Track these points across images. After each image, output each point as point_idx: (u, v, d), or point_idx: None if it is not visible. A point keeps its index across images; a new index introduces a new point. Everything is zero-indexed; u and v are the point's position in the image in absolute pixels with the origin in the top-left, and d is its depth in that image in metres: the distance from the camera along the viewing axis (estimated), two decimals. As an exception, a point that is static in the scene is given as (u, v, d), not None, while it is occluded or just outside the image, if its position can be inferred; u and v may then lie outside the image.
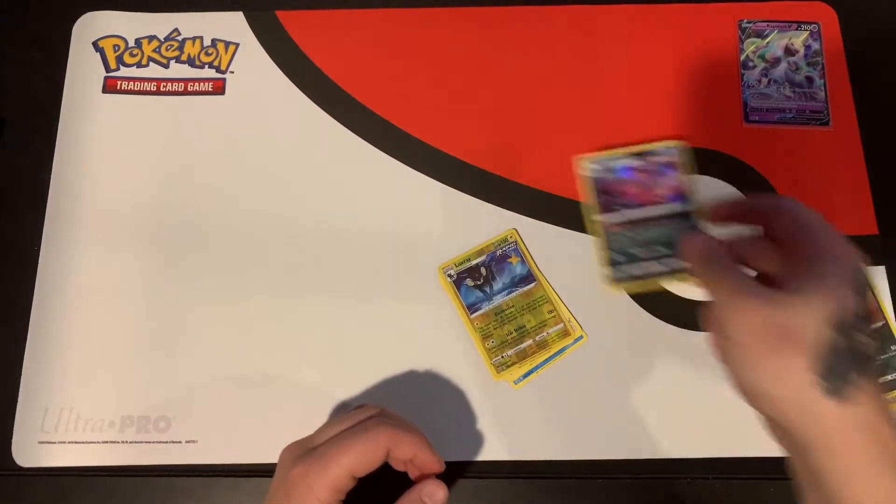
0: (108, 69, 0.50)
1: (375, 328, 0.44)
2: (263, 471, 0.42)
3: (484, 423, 0.43)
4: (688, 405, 0.43)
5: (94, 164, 0.47)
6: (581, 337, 0.43)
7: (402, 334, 0.44)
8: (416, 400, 0.43)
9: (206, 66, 0.50)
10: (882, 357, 0.42)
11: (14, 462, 0.42)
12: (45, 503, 0.42)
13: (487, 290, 0.44)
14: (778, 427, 0.32)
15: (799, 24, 0.50)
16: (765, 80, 0.48)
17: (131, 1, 0.51)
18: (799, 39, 0.48)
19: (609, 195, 0.44)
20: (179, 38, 0.51)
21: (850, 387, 0.29)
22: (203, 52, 0.50)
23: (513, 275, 0.44)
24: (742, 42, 0.49)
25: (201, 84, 0.49)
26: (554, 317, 0.44)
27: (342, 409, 0.43)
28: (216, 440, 0.42)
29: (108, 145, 0.48)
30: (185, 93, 0.49)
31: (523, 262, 0.45)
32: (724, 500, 0.42)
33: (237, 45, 0.50)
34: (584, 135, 0.48)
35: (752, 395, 0.32)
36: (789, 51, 0.48)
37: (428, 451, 0.36)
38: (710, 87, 0.49)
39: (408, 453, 0.35)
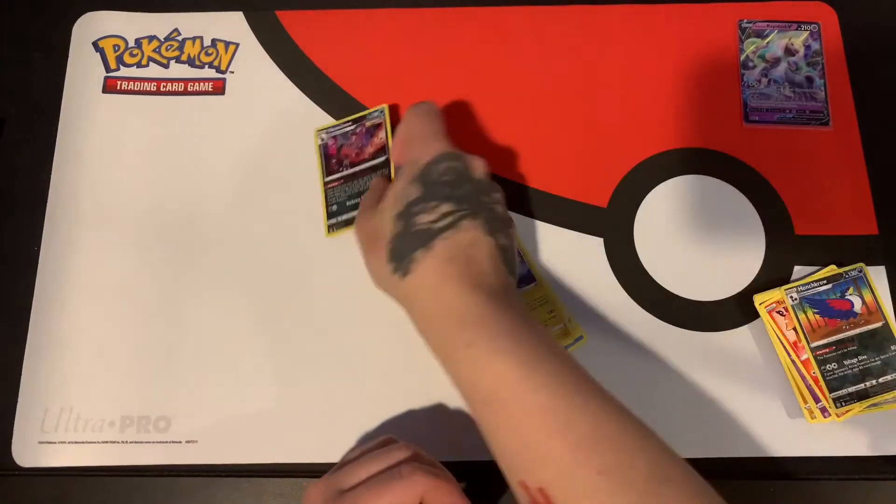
0: (108, 69, 0.50)
1: (376, 328, 0.44)
2: (263, 471, 0.42)
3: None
4: (688, 405, 0.43)
5: (94, 164, 0.48)
6: (581, 337, 0.43)
7: (404, 335, 0.44)
8: (418, 399, 0.43)
9: (206, 66, 0.50)
10: (882, 357, 0.42)
11: (14, 462, 0.42)
12: (45, 503, 0.42)
13: None
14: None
15: (799, 24, 0.50)
16: (765, 81, 0.48)
17: (131, 1, 0.51)
18: (799, 39, 0.48)
19: (333, 158, 0.46)
20: (179, 38, 0.51)
21: (410, 263, 0.36)
22: (203, 52, 0.50)
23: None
24: (742, 42, 0.49)
25: (201, 84, 0.49)
26: (554, 317, 0.44)
27: (343, 410, 0.43)
28: (216, 440, 0.42)
29: (108, 145, 0.48)
30: (185, 93, 0.49)
31: (523, 262, 0.45)
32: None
33: (237, 45, 0.50)
34: (585, 134, 0.48)
35: (375, 282, 0.40)
36: (789, 51, 0.49)
37: (461, 499, 0.35)
38: (710, 86, 0.49)
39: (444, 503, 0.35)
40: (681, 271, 0.45)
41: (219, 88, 0.49)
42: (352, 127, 0.47)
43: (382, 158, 0.46)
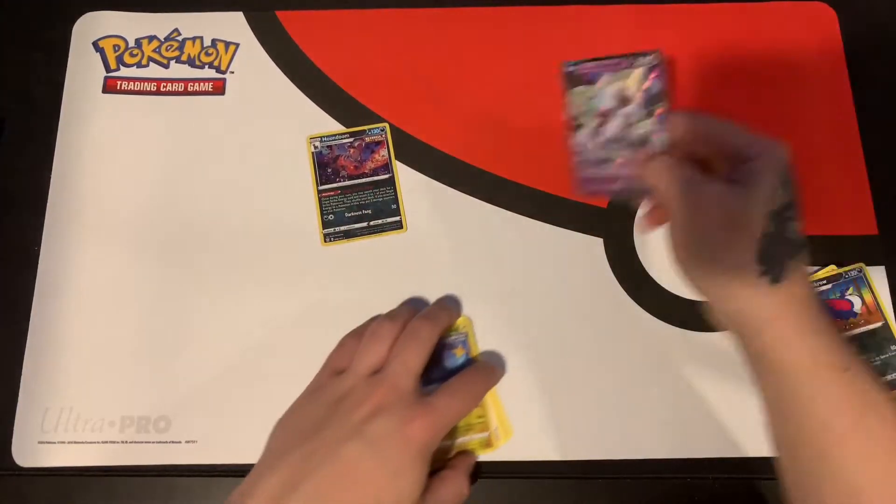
0: (108, 69, 0.50)
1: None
2: (263, 471, 0.42)
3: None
4: (688, 405, 0.43)
5: (94, 164, 0.48)
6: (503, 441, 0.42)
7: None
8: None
9: (206, 67, 0.50)
10: (882, 357, 0.42)
11: (14, 462, 0.42)
12: (44, 503, 0.42)
13: (422, 375, 0.39)
14: (723, 312, 0.37)
15: (633, 59, 0.39)
16: (596, 143, 0.39)
17: (131, 1, 0.51)
18: (634, 81, 0.38)
19: (328, 167, 0.46)
20: (179, 38, 0.51)
21: (784, 270, 0.34)
22: (203, 52, 0.50)
23: (454, 366, 0.42)
24: (569, 94, 0.40)
25: (201, 84, 0.49)
26: (481, 422, 0.42)
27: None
28: (216, 440, 0.42)
29: (108, 145, 0.48)
30: (185, 93, 0.49)
31: (468, 355, 0.43)
32: (724, 500, 0.42)
33: (237, 45, 0.50)
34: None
35: (704, 277, 0.36)
36: (623, 99, 0.39)
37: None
38: (711, 87, 0.49)
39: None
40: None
41: (219, 88, 0.49)
42: (349, 139, 0.47)
43: (386, 176, 0.46)
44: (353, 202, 0.47)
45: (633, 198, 0.45)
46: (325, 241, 0.46)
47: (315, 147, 0.47)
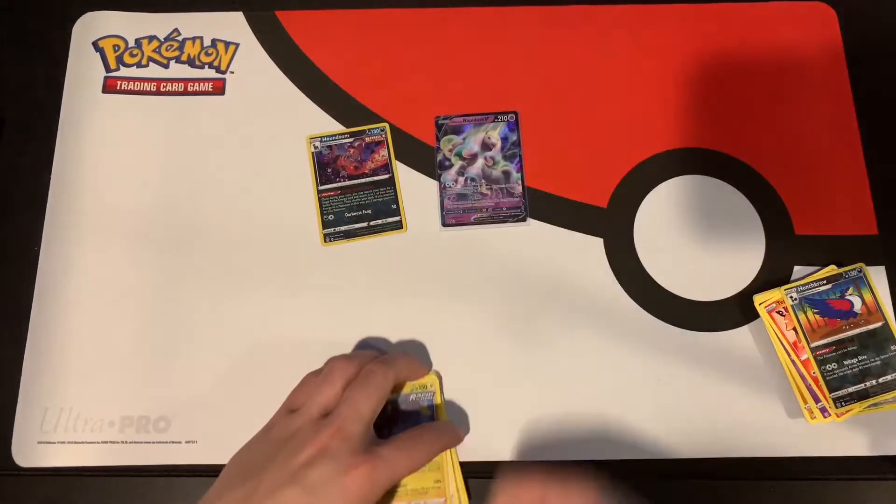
0: (108, 69, 0.50)
1: (375, 328, 0.44)
2: (263, 471, 0.42)
3: (484, 424, 0.43)
4: (688, 405, 0.43)
5: (94, 164, 0.47)
6: None
7: (400, 336, 0.44)
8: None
9: (206, 67, 0.50)
10: (882, 357, 0.42)
11: (14, 462, 0.42)
12: (44, 503, 0.42)
13: (385, 431, 0.40)
14: None
15: (496, 116, 0.47)
16: (461, 180, 0.46)
17: (131, 1, 0.51)
18: (495, 132, 0.46)
19: (328, 167, 0.46)
20: (179, 38, 0.51)
21: None
22: (203, 52, 0.50)
23: (417, 423, 0.41)
24: (439, 141, 0.47)
25: (201, 84, 0.49)
26: (438, 488, 0.40)
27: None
28: (216, 440, 0.42)
29: (108, 145, 0.48)
30: (185, 93, 0.49)
31: (434, 416, 0.42)
32: (723, 499, 0.42)
33: (237, 45, 0.50)
34: (585, 134, 0.48)
35: None
36: (486, 145, 0.46)
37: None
38: (711, 87, 0.49)
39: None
40: (681, 271, 0.45)
41: (219, 88, 0.49)
42: (349, 139, 0.47)
43: (386, 176, 0.47)
44: (353, 202, 0.47)
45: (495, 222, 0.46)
46: (325, 241, 0.46)
47: (315, 147, 0.47)
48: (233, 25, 0.51)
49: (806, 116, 0.48)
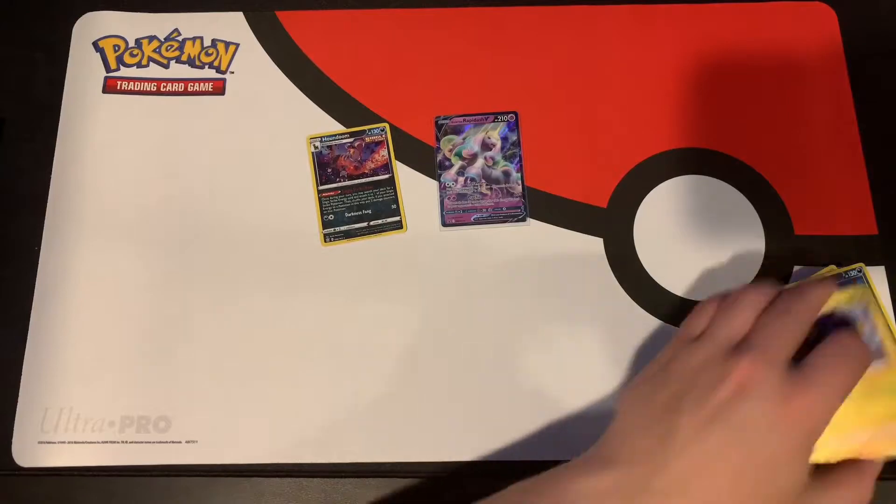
0: (108, 69, 0.50)
1: (375, 329, 0.44)
2: (263, 471, 0.42)
3: (483, 423, 0.43)
4: (688, 405, 0.43)
5: (94, 164, 0.48)
6: None
7: (401, 336, 0.44)
8: (417, 400, 0.43)
9: (206, 67, 0.50)
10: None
11: (14, 462, 0.42)
12: (44, 503, 0.42)
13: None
14: None
15: (496, 116, 0.47)
16: (461, 180, 0.46)
17: (131, 1, 0.51)
18: (495, 132, 0.46)
19: (328, 167, 0.46)
20: (179, 38, 0.51)
21: None
22: (203, 52, 0.50)
23: None
24: (439, 141, 0.47)
25: (201, 84, 0.49)
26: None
27: (341, 411, 0.43)
28: (216, 440, 0.42)
29: (108, 145, 0.48)
30: (185, 93, 0.49)
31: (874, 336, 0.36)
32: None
33: (237, 45, 0.50)
34: (585, 134, 0.48)
35: None
36: (486, 145, 0.46)
37: None
38: (711, 87, 0.49)
39: None
40: (681, 271, 0.45)
41: (219, 88, 0.49)
42: (349, 139, 0.47)
43: (386, 176, 0.47)
44: (353, 202, 0.47)
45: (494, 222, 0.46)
46: (325, 241, 0.46)
47: (315, 147, 0.47)
48: (233, 25, 0.51)
49: (806, 116, 0.48)
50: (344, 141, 0.47)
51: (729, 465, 0.30)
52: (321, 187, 0.46)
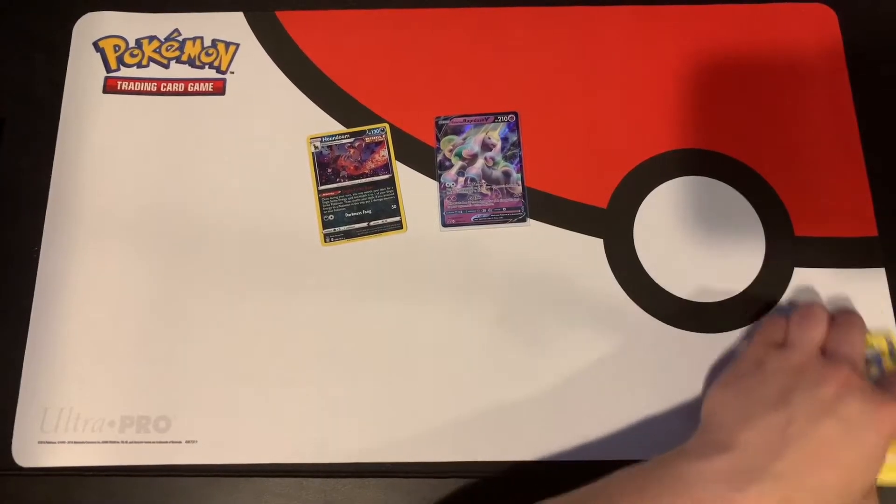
0: (108, 69, 0.50)
1: (375, 329, 0.44)
2: (263, 471, 0.42)
3: (483, 424, 0.43)
4: (688, 406, 0.43)
5: (94, 164, 0.48)
6: None
7: (401, 336, 0.44)
8: (415, 400, 0.43)
9: (207, 67, 0.50)
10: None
11: (14, 462, 0.42)
12: (44, 503, 0.42)
13: None
14: None
15: (496, 117, 0.47)
16: (461, 180, 0.46)
17: (131, 1, 0.51)
18: (495, 133, 0.46)
19: (328, 167, 0.46)
20: (180, 38, 0.51)
21: None
22: (203, 52, 0.50)
23: None
24: (439, 141, 0.47)
25: (201, 84, 0.49)
26: None
27: (341, 411, 0.43)
28: (216, 440, 0.42)
29: (108, 145, 0.48)
30: (186, 93, 0.49)
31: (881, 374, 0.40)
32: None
33: (237, 45, 0.50)
34: (585, 134, 0.48)
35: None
36: (486, 146, 0.46)
37: None
38: (711, 88, 0.49)
39: None
40: (681, 272, 0.45)
41: (219, 89, 0.49)
42: (350, 140, 0.47)
43: (386, 176, 0.47)
44: (353, 202, 0.47)
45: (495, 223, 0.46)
46: (326, 242, 0.46)
47: (315, 147, 0.47)
48: (233, 25, 0.51)
49: (806, 118, 0.48)
50: (344, 141, 0.47)
51: (838, 456, 0.34)
52: (321, 187, 0.46)
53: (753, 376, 0.38)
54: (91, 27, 0.51)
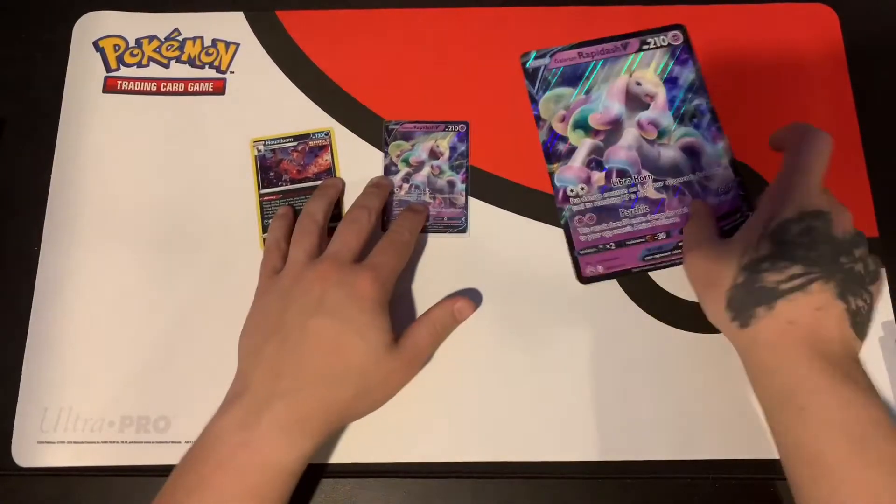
0: (108, 69, 0.50)
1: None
2: (263, 471, 0.42)
3: (483, 424, 0.43)
4: (688, 405, 0.43)
5: (94, 164, 0.48)
6: None
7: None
8: (414, 399, 0.43)
9: (207, 66, 0.50)
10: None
11: (13, 462, 0.42)
12: (44, 503, 0.42)
13: None
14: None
15: (447, 125, 0.47)
16: (406, 186, 0.46)
17: (131, 1, 0.51)
18: (444, 141, 0.46)
19: (270, 171, 0.47)
20: (180, 38, 0.51)
21: (750, 317, 0.37)
22: (203, 52, 0.50)
23: None
24: (387, 146, 0.47)
25: (201, 84, 0.49)
26: None
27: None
28: (216, 440, 0.42)
29: (108, 145, 0.48)
30: (186, 93, 0.49)
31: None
32: (724, 499, 0.42)
33: (237, 45, 0.50)
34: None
35: (709, 317, 0.41)
36: (434, 153, 0.46)
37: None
38: (711, 88, 0.49)
39: None
40: (681, 272, 0.45)
41: (219, 88, 0.49)
42: (293, 143, 0.47)
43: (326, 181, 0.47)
44: (296, 206, 0.46)
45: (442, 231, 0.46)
46: (265, 245, 0.45)
47: (258, 150, 0.47)
48: (233, 25, 0.51)
49: (806, 117, 0.48)
50: (288, 145, 0.47)
51: (338, 343, 0.37)
52: (262, 191, 0.47)
53: (259, 311, 0.41)
54: (91, 27, 0.51)
